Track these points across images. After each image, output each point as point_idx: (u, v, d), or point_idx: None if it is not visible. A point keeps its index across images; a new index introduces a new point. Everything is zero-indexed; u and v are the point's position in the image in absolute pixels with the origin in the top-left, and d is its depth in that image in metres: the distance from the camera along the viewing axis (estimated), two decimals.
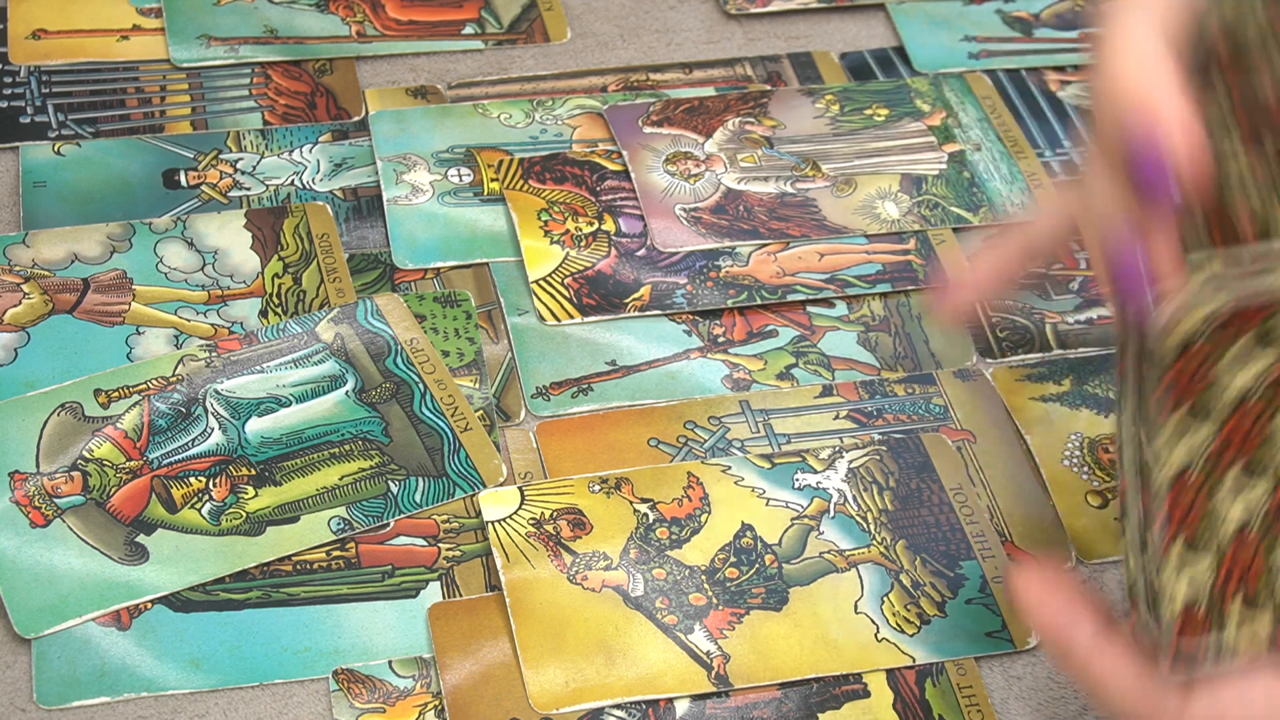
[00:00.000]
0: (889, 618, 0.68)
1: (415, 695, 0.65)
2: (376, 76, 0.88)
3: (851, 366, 0.77)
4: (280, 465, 0.71)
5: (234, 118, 0.85)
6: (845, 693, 0.66)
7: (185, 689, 0.65)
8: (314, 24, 0.90)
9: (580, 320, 0.77)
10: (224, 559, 0.68)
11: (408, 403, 0.73)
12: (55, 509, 0.69)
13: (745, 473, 0.72)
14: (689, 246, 0.80)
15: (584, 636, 0.66)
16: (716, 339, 0.77)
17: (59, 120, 0.84)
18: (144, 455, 0.71)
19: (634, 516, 0.70)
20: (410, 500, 0.71)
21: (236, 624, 0.67)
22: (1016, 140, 0.86)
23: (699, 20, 0.92)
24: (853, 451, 0.73)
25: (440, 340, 0.76)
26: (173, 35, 0.88)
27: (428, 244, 0.80)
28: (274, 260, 0.79)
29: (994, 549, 0.70)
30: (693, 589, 0.68)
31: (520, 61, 0.89)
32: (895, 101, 0.88)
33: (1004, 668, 0.67)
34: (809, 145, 0.85)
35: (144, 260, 0.78)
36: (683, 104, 0.87)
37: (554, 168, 0.83)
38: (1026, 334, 0.78)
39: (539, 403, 0.74)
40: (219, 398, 0.73)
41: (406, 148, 0.84)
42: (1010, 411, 0.75)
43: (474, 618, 0.67)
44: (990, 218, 0.82)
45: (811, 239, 0.81)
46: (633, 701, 0.65)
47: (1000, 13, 0.93)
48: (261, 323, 0.76)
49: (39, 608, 0.66)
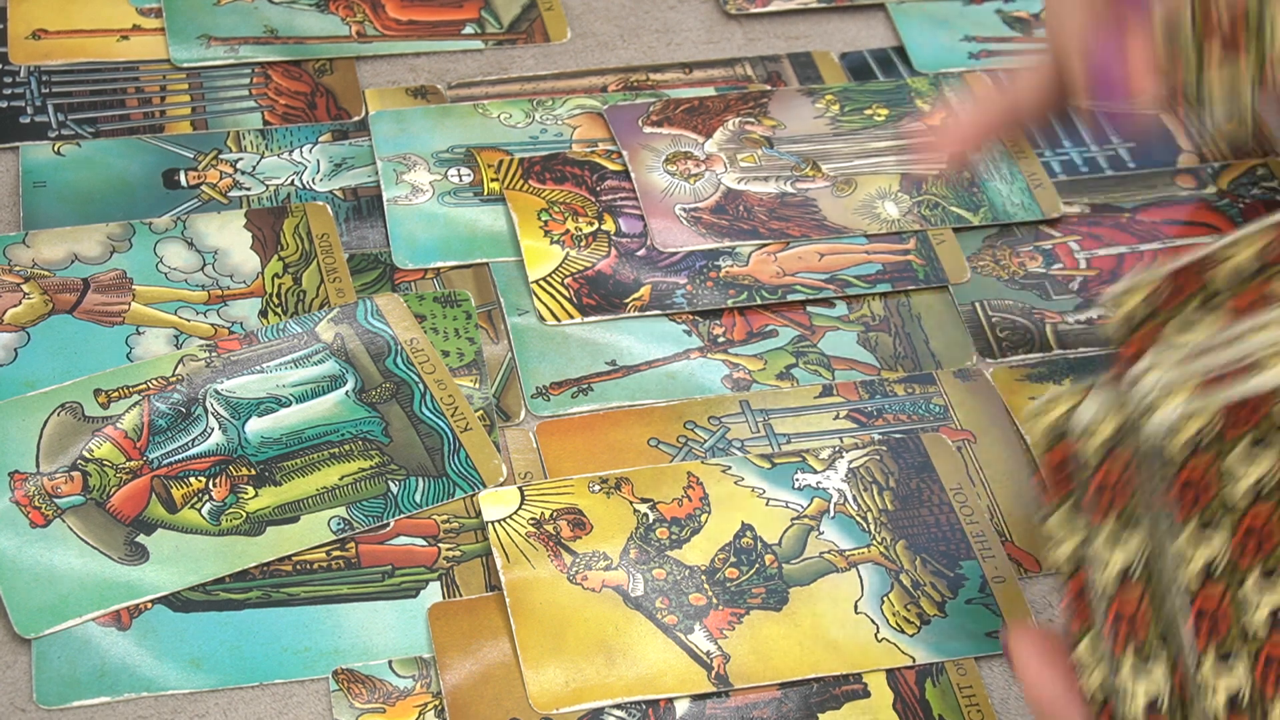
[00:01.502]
0: (889, 618, 0.68)
1: (415, 695, 0.65)
2: (376, 76, 0.88)
3: (851, 366, 0.77)
4: (280, 465, 0.71)
5: (234, 118, 0.85)
6: (845, 693, 0.66)
7: (185, 689, 0.65)
8: (314, 24, 0.90)
9: (580, 320, 0.77)
10: (224, 559, 0.68)
11: (408, 403, 0.73)
12: (55, 509, 0.69)
13: (745, 473, 0.72)
14: (689, 246, 0.80)
15: (584, 636, 0.66)
16: (716, 339, 0.77)
17: (59, 120, 0.84)
18: (144, 455, 0.71)
19: (634, 516, 0.70)
20: (410, 500, 0.71)
21: (236, 624, 0.67)
22: (1016, 140, 0.86)
23: (699, 20, 0.92)
24: (853, 451, 0.73)
25: (440, 340, 0.76)
26: (173, 35, 0.88)
27: (428, 244, 0.80)
28: (274, 260, 0.79)
29: (994, 549, 0.70)
30: (693, 589, 0.68)
31: (520, 61, 0.89)
32: (895, 101, 0.88)
33: (1004, 668, 0.67)
34: (809, 145, 0.85)
35: (144, 260, 0.78)
36: (683, 104, 0.87)
37: (554, 168, 0.83)
38: (1026, 334, 0.78)
39: (539, 403, 0.75)
40: (219, 398, 0.73)
41: (406, 148, 0.84)
42: (1010, 411, 0.75)
43: (474, 618, 0.67)
44: (990, 218, 0.82)
45: (811, 239, 0.81)
46: (633, 701, 0.65)
47: (1000, 13, 0.93)
48: (261, 323, 0.76)
49: (39, 608, 0.66)
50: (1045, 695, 0.56)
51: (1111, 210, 0.83)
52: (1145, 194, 0.84)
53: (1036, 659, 0.57)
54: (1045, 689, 0.56)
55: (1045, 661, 0.57)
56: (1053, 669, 0.56)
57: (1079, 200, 0.84)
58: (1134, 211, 0.83)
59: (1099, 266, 0.81)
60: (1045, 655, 0.57)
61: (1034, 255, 0.81)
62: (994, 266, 0.81)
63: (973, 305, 0.79)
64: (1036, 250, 0.82)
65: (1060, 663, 0.56)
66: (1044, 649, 0.57)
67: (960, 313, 0.79)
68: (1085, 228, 0.83)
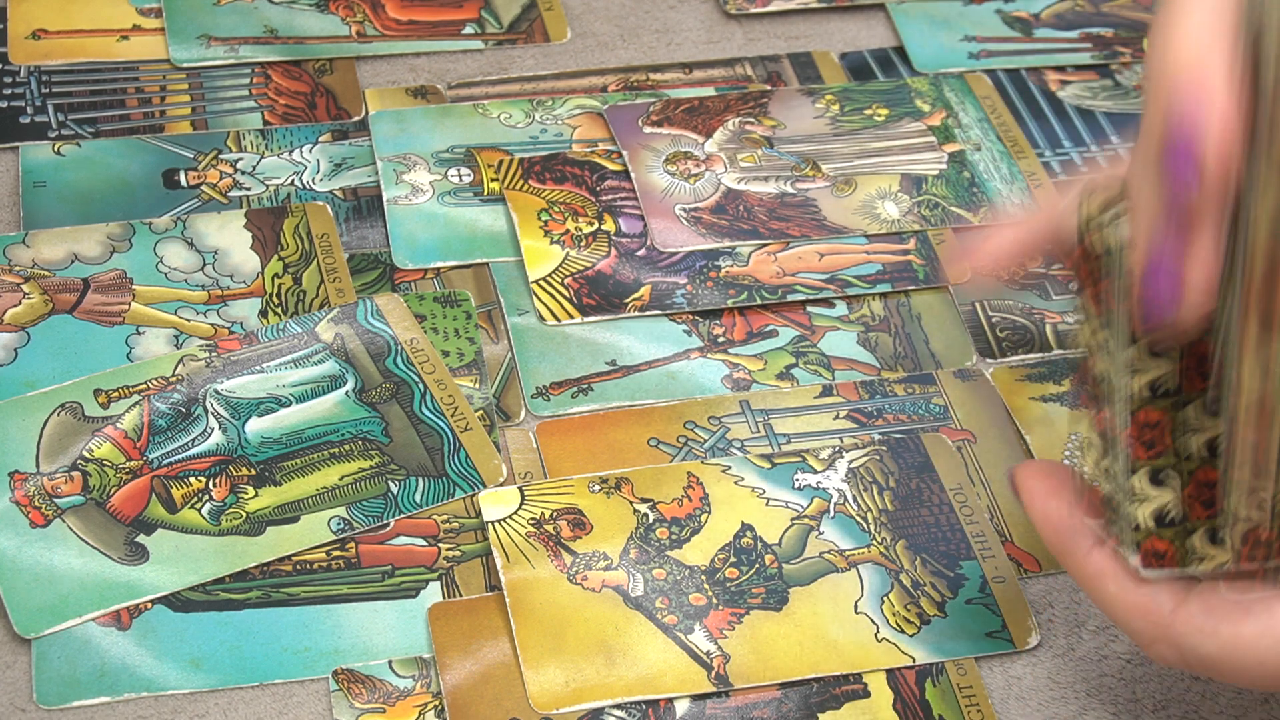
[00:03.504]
0: (889, 618, 0.68)
1: (415, 695, 0.65)
2: (376, 76, 0.88)
3: (851, 366, 0.77)
4: (280, 465, 0.71)
5: (234, 118, 0.85)
6: (845, 693, 0.66)
7: (185, 689, 0.65)
8: (314, 24, 0.90)
9: (580, 320, 0.77)
10: (224, 559, 0.68)
11: (408, 403, 0.73)
12: (55, 509, 0.69)
13: (745, 473, 0.72)
14: (689, 246, 0.80)
15: (584, 636, 0.66)
16: (716, 339, 0.77)
17: (59, 120, 0.84)
18: (144, 455, 0.71)
19: (634, 516, 0.70)
20: (410, 500, 0.71)
21: (236, 624, 0.67)
22: (1016, 140, 0.86)
23: (699, 20, 0.92)
24: (853, 451, 0.73)
25: (440, 340, 0.76)
26: (173, 35, 0.88)
27: (428, 244, 0.80)
28: (274, 260, 0.79)
29: (994, 549, 0.70)
30: (693, 589, 0.68)
31: (520, 61, 0.89)
32: (895, 101, 0.88)
33: (1004, 668, 0.67)
34: (809, 145, 0.85)
35: (144, 260, 0.78)
36: (683, 104, 0.87)
37: (554, 168, 0.83)
38: (1026, 334, 0.78)
39: (539, 403, 0.75)
40: (219, 398, 0.73)
41: (406, 148, 0.84)
42: (1010, 411, 0.75)
43: (474, 618, 0.67)
44: (990, 218, 0.82)
45: (811, 239, 0.81)
46: (633, 701, 0.65)
47: (1000, 13, 0.93)
48: (261, 323, 0.76)
49: (39, 608, 0.66)
50: (1053, 524, 0.59)
51: None
52: None
53: (1043, 490, 0.59)
54: (1052, 518, 0.59)
55: (1051, 492, 0.59)
56: (1058, 499, 0.59)
57: None
58: None
59: None
60: (1051, 486, 0.59)
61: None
62: None
63: (973, 305, 0.79)
64: None
65: (1066, 493, 0.59)
66: (1050, 481, 0.59)
67: (960, 313, 0.79)
68: None
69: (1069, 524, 0.59)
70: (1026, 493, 0.60)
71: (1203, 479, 0.56)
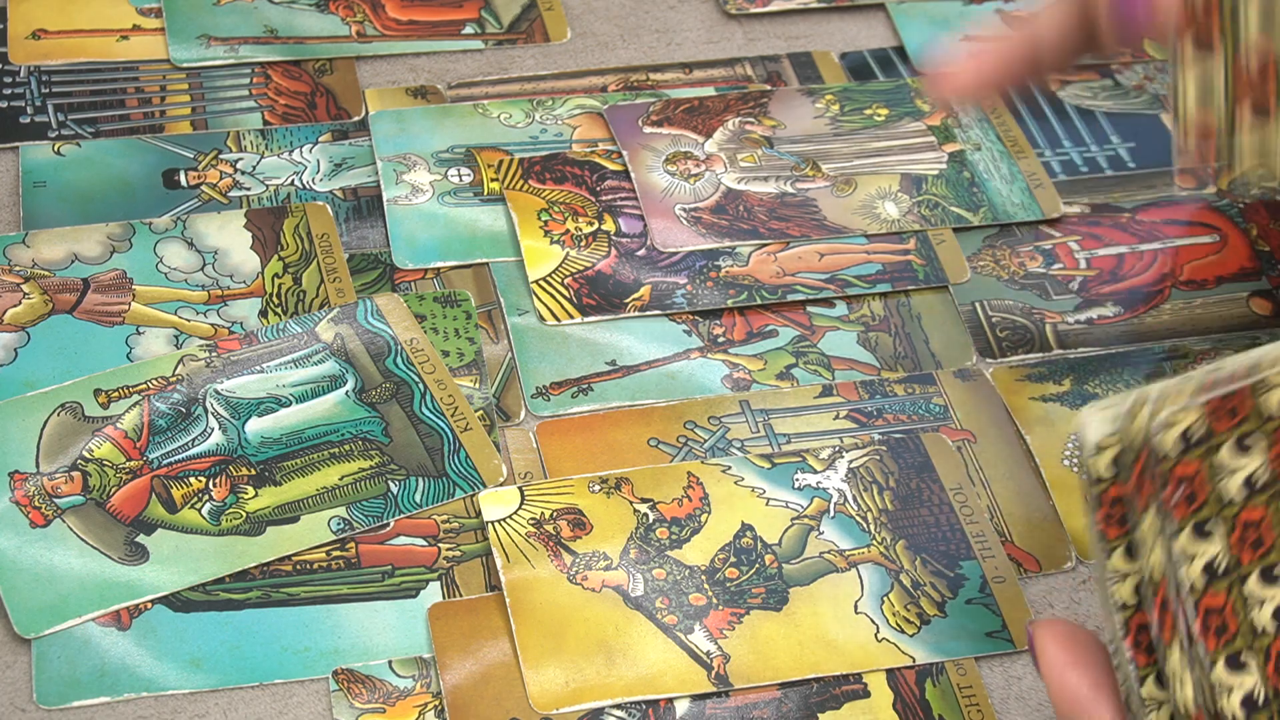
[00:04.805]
0: (889, 618, 0.68)
1: (415, 695, 0.65)
2: (376, 76, 0.88)
3: (851, 366, 0.77)
4: (280, 465, 0.71)
5: (234, 118, 0.85)
6: (845, 693, 0.66)
7: (185, 689, 0.65)
8: (314, 24, 0.90)
9: (580, 320, 0.77)
10: (224, 559, 0.68)
11: (408, 403, 0.73)
12: (55, 509, 0.69)
13: (745, 473, 0.72)
14: (689, 246, 0.80)
15: (584, 636, 0.66)
16: (716, 339, 0.77)
17: (59, 120, 0.84)
18: (144, 455, 0.71)
19: (634, 516, 0.70)
20: (410, 500, 0.71)
21: (236, 624, 0.67)
22: (1016, 140, 0.86)
23: (699, 20, 0.92)
24: (853, 451, 0.73)
25: (440, 340, 0.76)
26: (173, 35, 0.88)
27: (428, 244, 0.80)
28: (274, 260, 0.79)
29: (994, 549, 0.70)
30: (693, 589, 0.68)
31: (520, 61, 0.89)
32: (895, 101, 0.88)
33: (1004, 668, 0.67)
34: (809, 145, 0.85)
35: (144, 260, 0.78)
36: (683, 104, 0.87)
37: (554, 168, 0.83)
38: (1026, 334, 0.78)
39: (539, 403, 0.75)
40: (219, 398, 0.73)
41: (406, 148, 0.84)
42: (1010, 411, 0.75)
43: (474, 618, 0.67)
44: (990, 218, 0.82)
45: (811, 239, 0.81)
46: (633, 701, 0.65)
47: (1000, 13, 0.93)
48: (261, 323, 0.76)
49: (39, 608, 0.66)
50: (1069, 699, 0.54)
51: (1112, 210, 0.83)
52: (1145, 194, 0.84)
53: (1063, 661, 0.54)
54: (1069, 690, 0.54)
55: (1072, 660, 0.54)
56: (1079, 668, 0.54)
57: (1079, 200, 0.84)
58: (1134, 211, 0.83)
59: (1099, 266, 0.81)
60: (1073, 658, 0.54)
61: (1034, 255, 0.81)
62: (994, 266, 0.81)
63: (973, 305, 0.79)
64: (1036, 250, 0.82)
65: (1088, 660, 0.54)
66: (1072, 651, 0.54)
67: (960, 313, 0.79)
68: (1085, 228, 0.83)
69: (1090, 698, 0.53)
70: (1046, 662, 0.55)
71: None
